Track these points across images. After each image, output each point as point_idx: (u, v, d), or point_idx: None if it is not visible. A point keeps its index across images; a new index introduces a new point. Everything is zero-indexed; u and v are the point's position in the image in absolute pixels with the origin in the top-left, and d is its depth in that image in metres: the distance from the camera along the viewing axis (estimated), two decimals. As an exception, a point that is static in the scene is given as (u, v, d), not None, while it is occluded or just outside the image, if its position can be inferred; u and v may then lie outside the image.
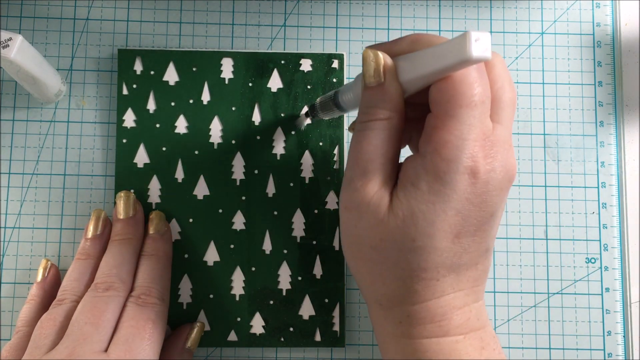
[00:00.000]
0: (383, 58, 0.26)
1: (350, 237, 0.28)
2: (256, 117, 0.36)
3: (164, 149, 0.36)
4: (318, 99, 0.33)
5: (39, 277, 0.34)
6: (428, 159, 0.25)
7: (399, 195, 0.26)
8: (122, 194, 0.35)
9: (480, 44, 0.22)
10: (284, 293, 0.35)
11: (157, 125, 0.36)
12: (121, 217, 0.34)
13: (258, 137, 0.36)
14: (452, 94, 0.24)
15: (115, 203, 0.35)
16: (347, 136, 0.37)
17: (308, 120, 0.36)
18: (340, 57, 0.37)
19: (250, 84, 0.37)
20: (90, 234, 0.34)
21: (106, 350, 0.29)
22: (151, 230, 0.34)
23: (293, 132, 0.36)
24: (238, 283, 0.35)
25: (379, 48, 0.27)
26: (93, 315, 0.30)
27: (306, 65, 0.37)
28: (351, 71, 0.37)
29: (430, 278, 0.26)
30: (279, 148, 0.36)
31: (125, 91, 0.36)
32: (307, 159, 0.36)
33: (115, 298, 0.31)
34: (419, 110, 0.28)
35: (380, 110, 0.26)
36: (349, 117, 0.37)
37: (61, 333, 0.30)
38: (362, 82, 0.27)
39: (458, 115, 0.24)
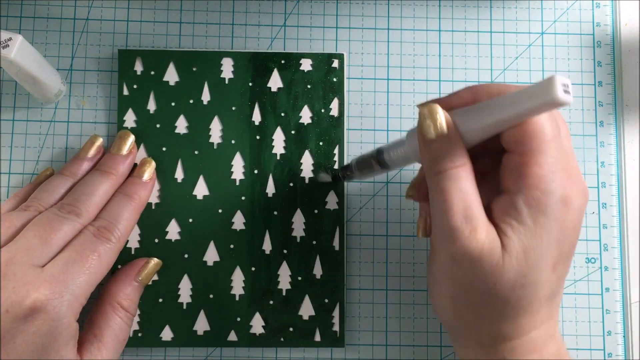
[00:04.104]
0: (441, 112, 0.27)
1: (456, 287, 0.27)
2: (256, 117, 0.36)
3: (164, 149, 0.36)
4: (353, 160, 0.33)
5: (33, 180, 0.35)
6: (527, 195, 0.26)
7: (507, 234, 0.26)
8: (122, 133, 0.35)
9: (565, 88, 0.23)
10: (284, 293, 0.35)
11: (158, 126, 0.36)
12: (112, 152, 0.34)
13: (258, 137, 0.36)
14: (536, 131, 0.26)
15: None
16: (347, 136, 0.37)
17: (328, 178, 0.36)
18: (340, 57, 0.37)
19: (250, 84, 0.37)
20: (81, 154, 0.34)
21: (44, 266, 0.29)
22: (135, 173, 0.34)
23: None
24: (238, 283, 0.35)
25: (436, 102, 0.28)
26: (45, 231, 0.30)
27: (306, 65, 0.37)
28: (351, 71, 0.37)
29: (534, 311, 0.27)
30: (279, 148, 0.36)
31: (125, 91, 0.36)
32: (307, 159, 0.36)
33: (73, 222, 0.31)
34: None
35: (456, 158, 0.26)
36: (349, 117, 0.37)
37: (13, 237, 0.30)
38: (419, 138, 0.28)
39: (544, 149, 0.26)
